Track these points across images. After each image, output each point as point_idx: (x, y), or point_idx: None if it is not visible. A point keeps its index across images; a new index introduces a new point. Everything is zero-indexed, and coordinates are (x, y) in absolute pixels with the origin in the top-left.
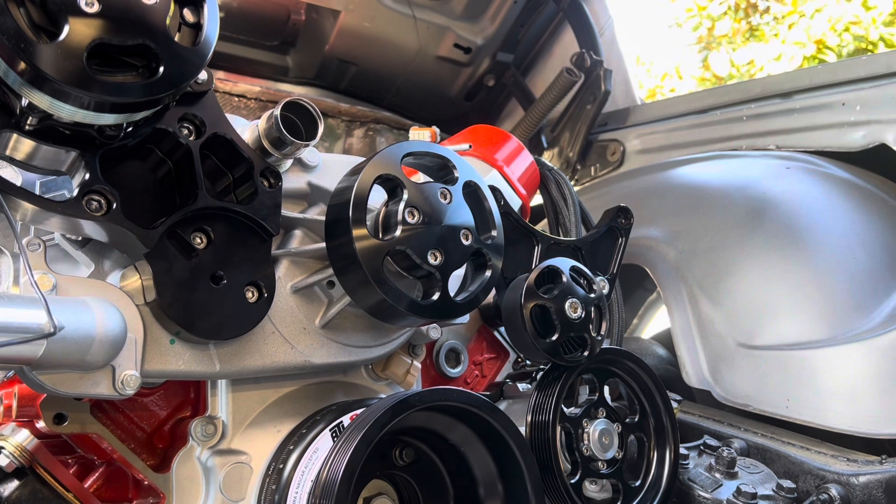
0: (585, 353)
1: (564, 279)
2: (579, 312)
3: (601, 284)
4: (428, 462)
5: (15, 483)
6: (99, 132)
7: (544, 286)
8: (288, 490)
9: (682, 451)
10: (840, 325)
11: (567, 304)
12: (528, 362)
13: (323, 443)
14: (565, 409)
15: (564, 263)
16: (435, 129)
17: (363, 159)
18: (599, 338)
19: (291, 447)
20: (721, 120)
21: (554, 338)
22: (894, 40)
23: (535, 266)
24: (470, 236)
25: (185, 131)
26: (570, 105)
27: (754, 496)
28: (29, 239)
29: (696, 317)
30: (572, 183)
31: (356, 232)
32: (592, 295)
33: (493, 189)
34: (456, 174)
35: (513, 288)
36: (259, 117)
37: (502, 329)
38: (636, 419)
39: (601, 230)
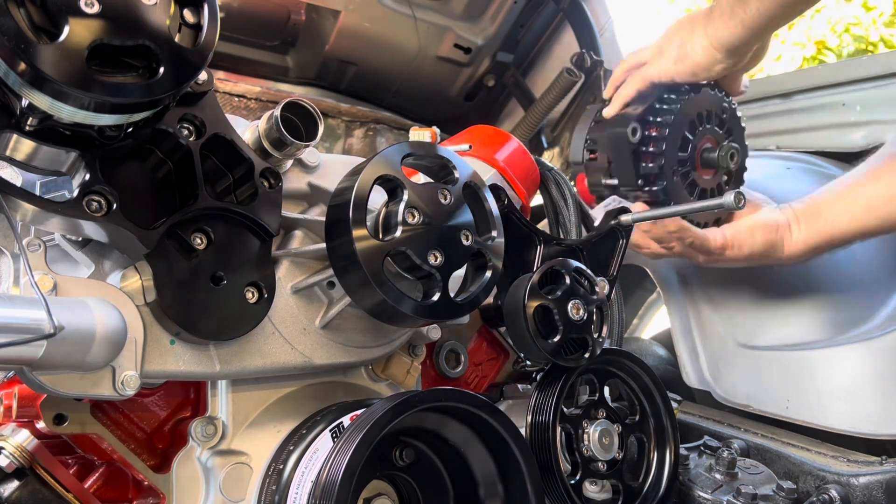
0: (586, 355)
1: (567, 280)
2: (582, 314)
3: (602, 286)
4: (428, 462)
5: (15, 483)
6: (99, 133)
7: (547, 287)
8: (288, 490)
9: (683, 451)
10: (840, 326)
11: (570, 306)
12: (528, 363)
13: (323, 443)
14: (565, 410)
15: (568, 265)
16: (435, 129)
17: (363, 159)
18: (601, 340)
19: (291, 447)
20: None
21: (556, 339)
22: (894, 41)
23: (538, 266)
24: (470, 237)
25: (186, 132)
26: (570, 105)
27: (754, 497)
28: (29, 239)
29: (696, 317)
30: (572, 183)
31: (356, 232)
32: (594, 296)
33: (497, 188)
34: (456, 174)
35: (515, 288)
36: (259, 117)
37: (502, 329)
38: (636, 420)
39: (602, 231)
